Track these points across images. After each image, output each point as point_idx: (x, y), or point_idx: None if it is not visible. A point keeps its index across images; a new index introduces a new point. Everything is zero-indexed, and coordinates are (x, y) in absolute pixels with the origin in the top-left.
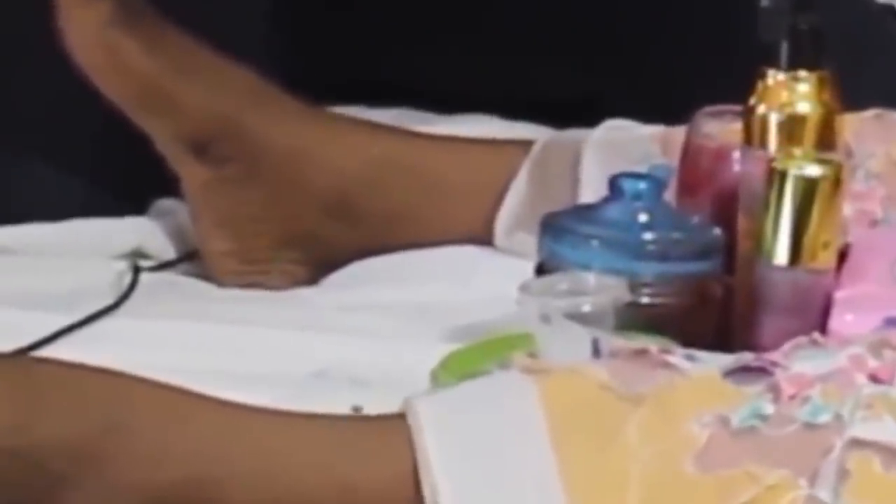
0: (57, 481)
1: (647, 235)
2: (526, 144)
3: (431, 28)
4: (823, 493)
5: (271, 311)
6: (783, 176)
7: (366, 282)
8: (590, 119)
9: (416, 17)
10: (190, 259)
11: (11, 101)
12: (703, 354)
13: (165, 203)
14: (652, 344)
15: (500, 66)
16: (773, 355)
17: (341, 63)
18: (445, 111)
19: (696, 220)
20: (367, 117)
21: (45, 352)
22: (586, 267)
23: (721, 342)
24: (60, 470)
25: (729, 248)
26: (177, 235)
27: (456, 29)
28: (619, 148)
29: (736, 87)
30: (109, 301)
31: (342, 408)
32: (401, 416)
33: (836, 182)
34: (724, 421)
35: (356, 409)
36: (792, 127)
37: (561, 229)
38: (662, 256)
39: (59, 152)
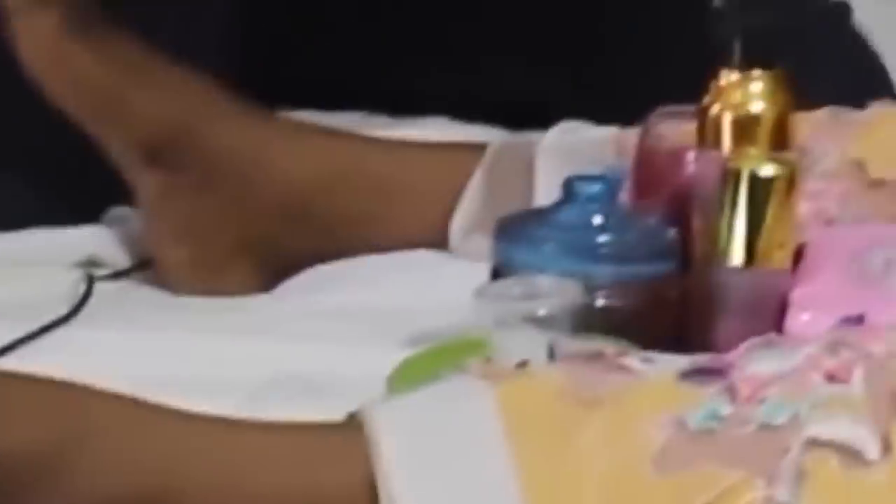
0: (14, 492)
1: (603, 238)
2: (480, 148)
3: (386, 31)
4: (781, 494)
5: (227, 318)
6: (738, 176)
7: (321, 288)
8: (544, 120)
9: (371, 21)
10: (144, 267)
11: None
12: (659, 357)
13: (119, 211)
14: (608, 347)
15: (453, 68)
16: (730, 356)
17: (296, 66)
18: (400, 113)
19: (651, 221)
20: (322, 121)
21: (0, 363)
22: (541, 270)
23: (677, 344)
24: (15, 483)
25: (684, 250)
26: (131, 243)
27: (409, 33)
28: (573, 150)
29: (689, 87)
30: (64, 311)
31: (298, 415)
32: (358, 425)
33: (791, 181)
34: (680, 423)
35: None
36: (746, 127)
37: (515, 233)
38: (618, 259)
39: (10, 160)
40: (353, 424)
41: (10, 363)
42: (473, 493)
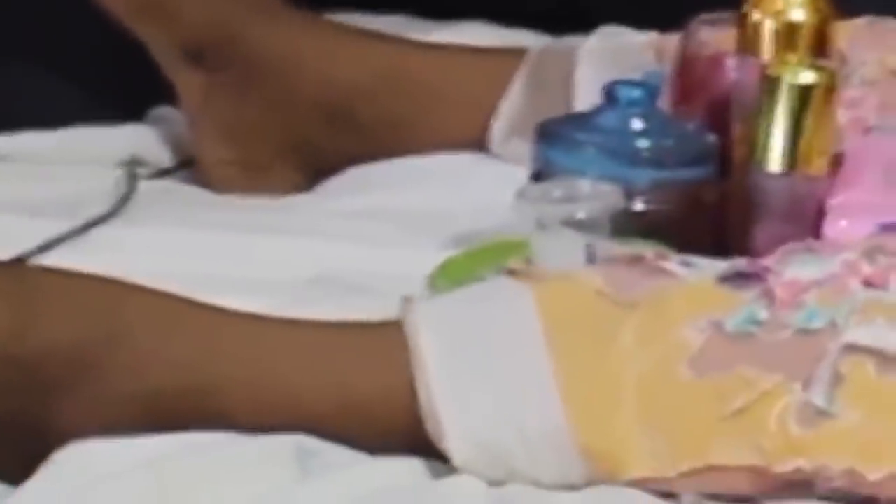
0: (52, 388)
1: (642, 142)
2: (521, 52)
3: None
4: (817, 398)
5: (268, 217)
6: (777, 83)
7: (363, 189)
8: (585, 25)
9: None
10: (187, 166)
11: (6, 9)
12: (698, 260)
13: (162, 111)
14: (647, 250)
15: None
16: (768, 261)
17: None
18: (440, 16)
19: (690, 127)
20: (365, 24)
21: (42, 259)
22: (581, 174)
23: (716, 248)
24: (56, 377)
25: (723, 155)
26: (174, 143)
27: None
28: (614, 55)
29: None
30: (107, 208)
31: (340, 314)
32: (397, 321)
33: (830, 89)
34: (718, 326)
35: None
36: (786, 34)
37: (556, 136)
38: (657, 163)
39: (55, 60)
40: (393, 323)
41: (52, 260)
42: (512, 392)
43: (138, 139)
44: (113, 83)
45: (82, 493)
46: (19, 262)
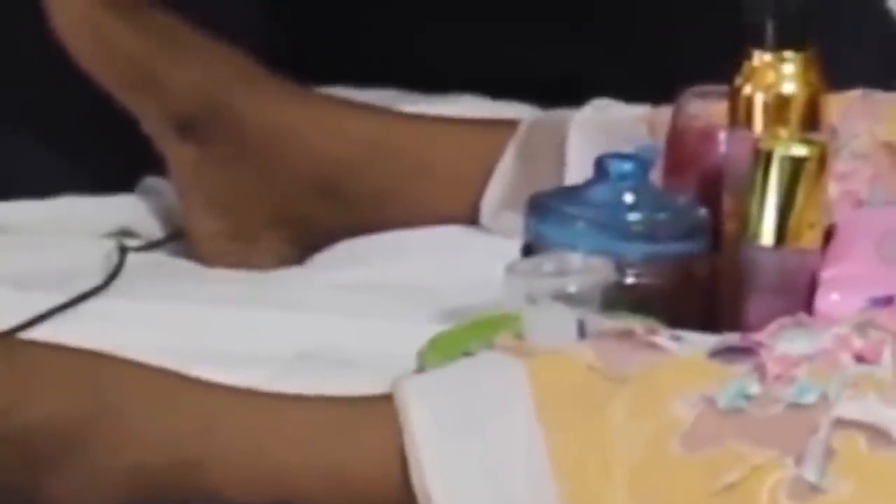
0: (40, 464)
1: (633, 216)
2: (512, 124)
3: (418, 8)
4: (810, 473)
5: (258, 290)
6: (769, 156)
7: (353, 262)
8: (576, 97)
9: None
10: (177, 238)
11: None
12: (688, 335)
13: (152, 181)
14: (638, 324)
15: (486, 45)
16: (759, 335)
17: (329, 43)
18: (431, 89)
19: (682, 200)
20: (354, 97)
21: (33, 332)
22: (572, 247)
23: (707, 323)
24: (46, 453)
25: (715, 229)
26: (164, 214)
27: (442, 9)
28: (605, 128)
29: (722, 67)
30: (97, 281)
31: (329, 389)
32: (388, 397)
33: (822, 162)
34: (710, 401)
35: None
36: (778, 107)
37: (547, 210)
38: (648, 237)
39: (45, 130)
40: (383, 398)
41: (43, 333)
42: (503, 466)
43: (128, 210)
44: (104, 153)
45: None
46: (9, 336)
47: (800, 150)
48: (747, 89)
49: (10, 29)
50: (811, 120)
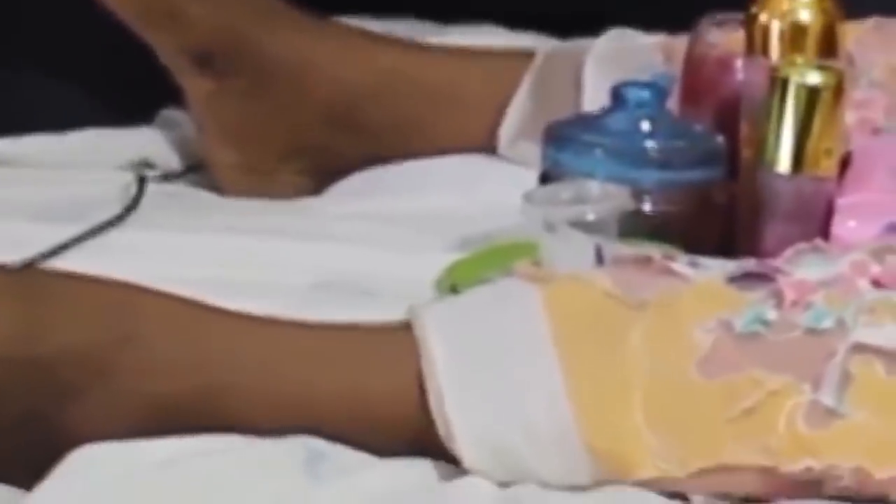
0: (65, 391)
1: (650, 143)
2: (529, 55)
3: None
4: (826, 398)
5: (277, 220)
6: (785, 84)
7: (370, 192)
8: (593, 28)
9: None
10: (195, 170)
11: (15, 12)
12: (706, 261)
13: (171, 113)
14: (655, 251)
15: None
16: (776, 261)
17: None
18: (449, 19)
19: (698, 128)
20: (373, 28)
21: (53, 263)
22: (590, 175)
23: (724, 249)
24: (69, 380)
25: (732, 156)
26: (182, 146)
27: None
28: (622, 57)
29: None
30: (116, 212)
31: (348, 317)
32: (406, 325)
33: (838, 90)
34: (727, 326)
35: None
36: (794, 35)
37: (564, 138)
38: (665, 164)
39: (63, 63)
40: (402, 326)
41: (62, 264)
42: (520, 393)
43: (147, 142)
44: (122, 86)
45: (94, 497)
46: (30, 266)
47: (816, 78)
48: (763, 17)
49: None
50: (827, 48)
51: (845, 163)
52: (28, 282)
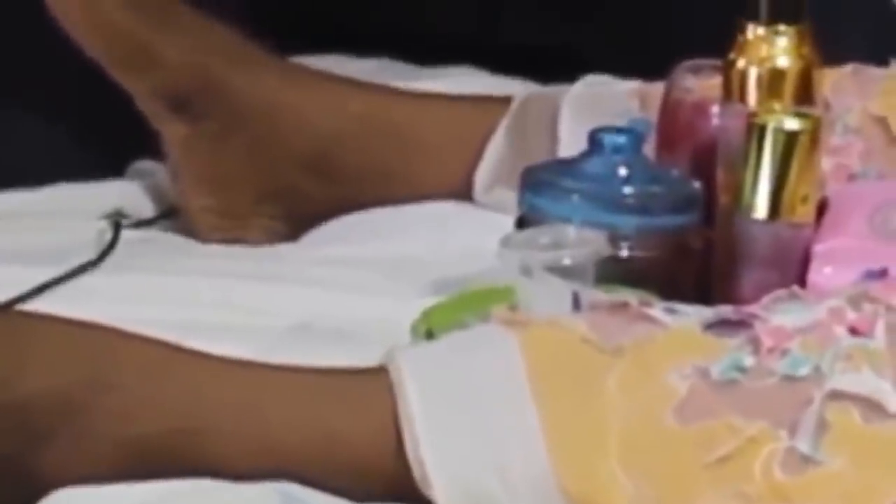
0: (39, 434)
1: (627, 189)
2: (505, 101)
3: None
4: (803, 445)
5: (251, 265)
6: (762, 130)
7: (346, 237)
8: (568, 70)
9: None
10: (170, 216)
11: None
12: (682, 307)
13: (144, 164)
14: (632, 297)
15: (479, 17)
16: (753, 308)
17: (323, 11)
18: (423, 60)
19: (675, 173)
20: (348, 68)
21: (29, 306)
22: (567, 220)
23: (701, 295)
24: (43, 424)
25: (708, 202)
26: (156, 195)
27: None
28: (598, 103)
29: (715, 41)
30: (91, 257)
31: (323, 361)
32: (382, 369)
33: (815, 136)
34: (703, 373)
35: None
36: (771, 81)
37: (541, 183)
38: (642, 210)
39: (38, 120)
40: (377, 370)
41: (39, 307)
42: (496, 438)
43: (121, 193)
44: (93, 138)
45: None
46: (5, 308)
47: (793, 124)
48: (741, 63)
49: (1, 6)
50: (804, 94)
51: (821, 209)
52: (3, 324)
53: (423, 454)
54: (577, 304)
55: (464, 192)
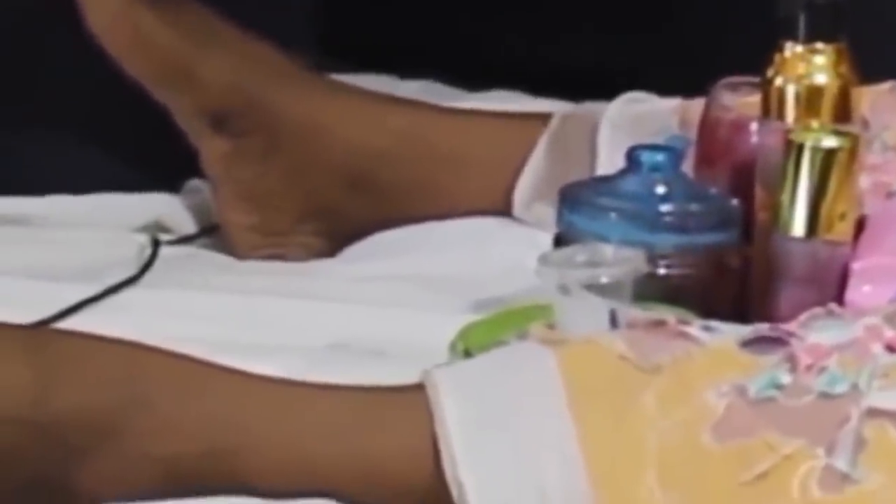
0: (74, 454)
1: (665, 207)
2: (545, 117)
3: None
4: (840, 463)
5: (291, 282)
6: (800, 148)
7: (385, 254)
8: (609, 90)
9: None
10: (209, 233)
11: (38, 75)
12: (720, 325)
13: (196, 183)
14: (669, 315)
15: (521, 37)
16: (790, 326)
17: (368, 32)
18: (466, 80)
19: (713, 191)
20: (392, 89)
21: (67, 323)
22: (604, 238)
23: (738, 313)
24: (78, 443)
25: (746, 220)
26: (198, 211)
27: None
28: (637, 120)
29: (754, 59)
30: (130, 273)
31: (361, 379)
32: (419, 387)
33: (853, 153)
34: (741, 391)
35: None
36: (809, 99)
37: (579, 201)
38: (680, 228)
39: (83, 126)
40: (415, 388)
41: (76, 324)
42: (535, 457)
43: (163, 207)
44: (141, 150)
45: None
46: (44, 326)
47: (831, 142)
48: (779, 81)
49: (49, 23)
50: (842, 111)
51: (860, 227)
52: (39, 343)
53: (460, 474)
54: (614, 322)
55: (503, 209)
